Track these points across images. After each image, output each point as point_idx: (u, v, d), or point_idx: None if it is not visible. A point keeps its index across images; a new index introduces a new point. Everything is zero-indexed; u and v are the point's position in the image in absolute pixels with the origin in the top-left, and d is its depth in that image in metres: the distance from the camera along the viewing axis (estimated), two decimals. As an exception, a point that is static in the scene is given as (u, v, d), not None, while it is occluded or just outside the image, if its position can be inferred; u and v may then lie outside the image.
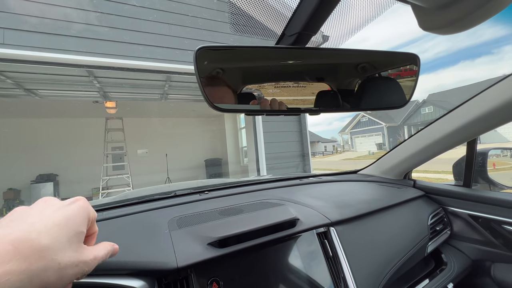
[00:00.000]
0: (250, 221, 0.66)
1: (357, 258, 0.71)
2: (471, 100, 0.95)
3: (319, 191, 1.11)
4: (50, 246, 0.24)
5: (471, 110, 0.95)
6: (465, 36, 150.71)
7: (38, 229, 0.25)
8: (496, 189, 1.11)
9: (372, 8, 0.58)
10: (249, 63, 0.38)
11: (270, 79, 0.39)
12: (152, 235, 0.62)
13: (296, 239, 0.67)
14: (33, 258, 0.23)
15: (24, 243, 0.23)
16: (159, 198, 0.98)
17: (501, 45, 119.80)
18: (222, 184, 1.22)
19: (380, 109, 0.42)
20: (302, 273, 0.63)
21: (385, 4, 0.59)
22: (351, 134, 40.16)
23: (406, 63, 0.41)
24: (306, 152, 4.96)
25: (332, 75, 0.41)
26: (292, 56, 0.38)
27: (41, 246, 0.24)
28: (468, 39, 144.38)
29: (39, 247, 0.23)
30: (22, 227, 0.24)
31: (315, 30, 0.40)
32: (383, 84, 0.41)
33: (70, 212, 0.28)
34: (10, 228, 0.24)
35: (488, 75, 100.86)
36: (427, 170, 8.18)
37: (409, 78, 0.41)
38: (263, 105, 0.37)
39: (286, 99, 0.38)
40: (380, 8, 0.59)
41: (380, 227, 0.87)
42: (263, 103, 0.38)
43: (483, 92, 0.92)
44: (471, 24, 0.38)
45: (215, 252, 0.54)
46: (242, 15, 0.61)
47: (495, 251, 1.00)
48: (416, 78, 0.40)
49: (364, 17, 0.59)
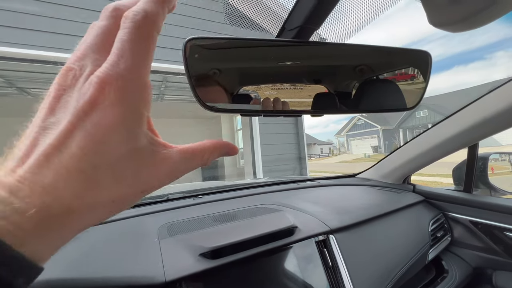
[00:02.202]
0: (245, 229, 0.62)
1: (358, 268, 0.67)
2: (473, 104, 0.93)
3: (317, 196, 1.07)
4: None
5: (473, 114, 0.93)
6: (458, 42, 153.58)
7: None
8: (497, 194, 1.09)
9: (370, 10, 0.55)
10: (245, 59, 0.35)
11: (268, 78, 0.36)
12: (140, 244, 0.58)
13: (294, 248, 0.63)
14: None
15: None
16: (150, 202, 0.94)
17: (494, 51, 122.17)
18: (217, 187, 1.18)
19: (390, 111, 0.38)
20: (300, 285, 0.59)
21: (382, 6, 0.56)
22: (347, 136, 40.40)
23: (416, 61, 0.38)
24: (303, 155, 4.94)
25: (342, 73, 0.37)
26: (294, 51, 0.35)
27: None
28: (462, 45, 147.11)
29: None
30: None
31: (319, 24, 0.36)
32: (393, 84, 0.38)
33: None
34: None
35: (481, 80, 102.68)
36: (422, 173, 8.22)
37: (418, 80, 0.38)
38: (265, 105, 0.33)
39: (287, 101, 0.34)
40: (377, 10, 0.57)
41: (381, 234, 0.84)
42: (265, 103, 0.34)
43: (485, 96, 0.90)
44: (484, 21, 0.35)
45: (207, 264, 0.50)
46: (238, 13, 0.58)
47: (496, 259, 0.97)
48: (428, 78, 0.37)
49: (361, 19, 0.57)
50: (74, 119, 0.16)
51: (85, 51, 0.18)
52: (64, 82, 0.18)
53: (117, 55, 0.17)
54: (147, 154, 0.19)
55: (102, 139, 0.17)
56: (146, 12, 0.18)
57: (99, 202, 0.17)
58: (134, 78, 0.17)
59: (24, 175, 0.15)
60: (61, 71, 0.18)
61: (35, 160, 0.16)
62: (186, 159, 0.21)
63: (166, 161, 0.20)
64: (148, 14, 0.18)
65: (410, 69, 0.40)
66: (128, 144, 0.18)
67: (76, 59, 0.18)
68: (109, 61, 0.17)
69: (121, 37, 0.18)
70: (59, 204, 0.15)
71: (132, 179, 0.18)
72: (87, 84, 0.17)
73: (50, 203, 0.15)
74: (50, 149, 0.16)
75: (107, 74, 0.17)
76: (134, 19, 0.18)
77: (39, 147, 0.16)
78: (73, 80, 0.17)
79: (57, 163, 0.16)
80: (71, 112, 0.16)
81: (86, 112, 0.16)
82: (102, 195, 0.17)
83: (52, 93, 0.17)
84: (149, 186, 0.19)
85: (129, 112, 0.17)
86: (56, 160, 0.16)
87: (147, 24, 0.18)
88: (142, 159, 0.18)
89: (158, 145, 0.20)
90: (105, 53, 0.18)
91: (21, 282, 0.14)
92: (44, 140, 0.16)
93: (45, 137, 0.16)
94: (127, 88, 0.17)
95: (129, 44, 0.17)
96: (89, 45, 0.18)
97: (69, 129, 0.16)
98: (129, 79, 0.17)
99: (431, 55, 0.36)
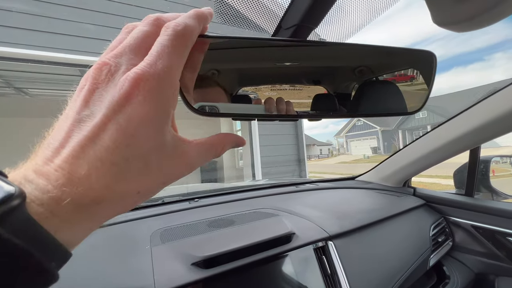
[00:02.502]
0: (240, 236, 0.60)
1: (357, 276, 0.65)
2: (475, 107, 0.91)
3: (316, 200, 1.05)
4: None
5: (475, 117, 0.91)
6: (457, 43, 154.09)
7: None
8: (499, 198, 1.07)
9: (369, 10, 0.53)
10: (241, 60, 0.32)
11: (266, 79, 0.33)
12: (131, 252, 0.55)
13: (291, 256, 0.61)
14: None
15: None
16: (145, 205, 0.91)
17: (493, 52, 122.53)
18: (214, 190, 1.15)
19: (393, 115, 0.36)
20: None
21: (380, 6, 0.54)
22: (346, 137, 40.43)
23: (420, 62, 0.36)
24: (302, 156, 4.92)
25: (341, 74, 0.35)
26: (293, 52, 0.33)
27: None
28: (461, 46, 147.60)
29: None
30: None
31: (316, 22, 0.34)
32: (394, 87, 0.35)
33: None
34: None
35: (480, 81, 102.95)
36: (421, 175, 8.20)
37: (418, 81, 0.36)
38: (268, 107, 0.30)
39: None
40: (376, 11, 0.55)
41: (381, 239, 0.82)
42: (268, 104, 0.31)
43: (487, 98, 0.88)
44: (490, 20, 0.33)
45: (199, 274, 0.48)
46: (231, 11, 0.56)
47: (499, 264, 0.95)
48: (432, 80, 0.35)
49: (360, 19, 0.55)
50: (109, 112, 0.17)
51: (123, 49, 0.19)
52: (99, 77, 0.18)
53: (156, 57, 0.19)
54: (169, 148, 0.20)
55: (133, 133, 0.17)
56: (186, 25, 0.20)
57: (127, 193, 0.18)
58: (167, 78, 0.19)
59: (61, 165, 0.16)
60: (95, 65, 0.19)
61: (71, 151, 0.16)
62: (202, 152, 0.23)
63: (185, 155, 0.21)
64: (187, 27, 0.20)
65: (410, 70, 0.38)
66: (156, 139, 0.19)
67: (113, 56, 0.19)
68: (147, 60, 0.18)
69: (161, 41, 0.19)
70: (91, 194, 0.16)
71: (156, 172, 0.19)
72: (123, 79, 0.18)
73: (84, 193, 0.16)
74: (85, 140, 0.16)
75: (145, 71, 0.18)
76: (176, 29, 0.20)
77: (74, 138, 0.17)
78: (108, 75, 0.18)
79: (92, 155, 0.16)
80: (106, 106, 0.17)
81: (120, 106, 0.17)
82: (130, 187, 0.18)
83: (87, 87, 0.18)
84: (170, 178, 0.21)
85: (159, 109, 0.19)
86: (91, 152, 0.16)
87: (186, 35, 0.20)
88: (166, 153, 0.20)
89: (178, 140, 0.21)
90: (140, 54, 0.19)
91: (53, 266, 0.15)
92: (79, 132, 0.17)
93: (80, 129, 0.17)
94: (160, 87, 0.18)
95: (168, 48, 0.19)
96: (128, 45, 0.20)
97: (104, 122, 0.17)
98: (163, 79, 0.18)
99: (436, 56, 0.34)
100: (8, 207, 0.13)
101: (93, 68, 0.19)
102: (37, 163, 0.16)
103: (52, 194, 0.15)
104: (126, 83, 0.17)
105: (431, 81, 0.35)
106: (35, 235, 0.14)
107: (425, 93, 0.36)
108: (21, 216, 0.14)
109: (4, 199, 0.13)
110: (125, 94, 0.17)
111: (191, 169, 0.22)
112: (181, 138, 0.22)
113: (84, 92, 0.18)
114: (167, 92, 0.19)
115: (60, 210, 0.15)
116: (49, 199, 0.15)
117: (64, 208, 0.15)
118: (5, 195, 0.14)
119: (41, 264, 0.14)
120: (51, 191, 0.15)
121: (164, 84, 0.19)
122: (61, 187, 0.15)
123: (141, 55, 0.19)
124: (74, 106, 0.18)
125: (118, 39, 0.21)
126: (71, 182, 0.16)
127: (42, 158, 0.16)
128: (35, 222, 0.14)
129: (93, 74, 0.18)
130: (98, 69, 0.19)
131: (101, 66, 0.19)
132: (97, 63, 0.19)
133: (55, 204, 0.15)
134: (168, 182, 0.21)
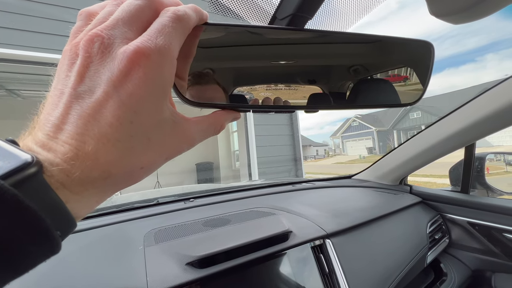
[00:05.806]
0: (236, 235, 0.58)
1: (355, 274, 0.64)
2: (468, 104, 0.92)
3: (313, 198, 1.04)
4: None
5: (469, 114, 0.91)
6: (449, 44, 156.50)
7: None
8: (494, 195, 1.08)
9: (363, 4, 0.53)
10: (235, 56, 0.31)
11: (260, 78, 0.33)
12: (124, 253, 0.54)
13: (288, 254, 0.60)
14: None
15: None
16: (139, 206, 0.89)
17: (484, 54, 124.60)
18: (210, 190, 1.14)
19: (393, 106, 0.35)
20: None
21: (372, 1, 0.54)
22: (342, 138, 40.68)
23: (417, 53, 0.35)
24: (298, 156, 4.92)
25: (336, 71, 0.35)
26: (286, 49, 0.32)
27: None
28: (453, 48, 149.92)
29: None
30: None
31: (312, 12, 0.33)
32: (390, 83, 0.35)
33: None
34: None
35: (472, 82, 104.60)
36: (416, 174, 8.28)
37: (414, 82, 0.35)
38: (265, 101, 0.31)
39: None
40: (373, 1, 0.55)
41: (379, 237, 0.81)
42: (265, 101, 0.31)
43: (480, 95, 0.88)
44: (487, 11, 0.33)
45: (194, 274, 0.46)
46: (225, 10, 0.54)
47: (495, 261, 0.95)
48: (430, 72, 0.34)
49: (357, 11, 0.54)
50: (108, 88, 0.17)
51: (115, 21, 0.18)
52: (91, 50, 0.17)
53: (156, 32, 0.18)
54: (169, 124, 0.20)
55: (135, 109, 0.17)
56: (186, 13, 0.20)
57: (131, 169, 0.18)
58: (167, 54, 0.18)
59: (66, 140, 0.16)
60: (86, 37, 0.18)
61: (75, 127, 0.16)
62: (203, 129, 0.23)
63: (185, 131, 0.22)
64: (187, 15, 0.20)
65: (403, 70, 0.38)
66: (156, 115, 0.19)
67: (105, 27, 0.18)
68: (146, 35, 0.18)
69: (161, 21, 0.19)
70: (98, 169, 0.16)
71: (158, 148, 0.20)
72: (121, 53, 0.17)
73: (91, 167, 0.16)
74: (88, 117, 0.16)
75: (146, 45, 0.17)
76: (176, 13, 0.19)
77: (73, 115, 0.16)
78: (101, 47, 0.17)
79: (97, 132, 0.16)
80: (105, 82, 0.17)
81: (121, 81, 0.17)
82: (134, 162, 0.18)
83: (80, 60, 0.17)
84: (172, 153, 0.21)
85: (159, 85, 0.18)
86: (95, 129, 0.16)
87: (185, 20, 0.20)
88: (166, 128, 0.20)
89: (177, 117, 0.21)
90: (135, 28, 0.19)
91: (58, 234, 0.15)
92: (79, 108, 0.16)
93: (79, 105, 0.16)
94: (160, 63, 0.18)
95: (168, 28, 0.19)
96: (121, 17, 0.19)
97: (105, 98, 0.16)
98: (163, 54, 0.18)
99: (434, 46, 0.33)
100: (27, 174, 0.14)
101: (84, 40, 0.18)
102: (39, 138, 0.16)
103: (62, 166, 0.15)
104: (125, 58, 0.17)
105: (429, 72, 0.34)
106: (50, 203, 0.15)
107: (421, 88, 0.35)
108: (37, 185, 0.14)
109: (23, 167, 0.14)
110: (125, 69, 0.17)
111: (192, 145, 0.23)
112: (179, 114, 0.22)
113: (78, 67, 0.17)
114: (166, 69, 0.19)
115: (70, 182, 0.16)
116: (59, 171, 0.15)
117: (73, 181, 0.16)
118: (24, 163, 0.14)
119: (49, 231, 0.14)
120: (60, 164, 0.15)
121: (164, 60, 0.18)
122: (69, 160, 0.15)
123: (136, 29, 0.19)
124: (68, 81, 0.17)
125: (108, 11, 0.20)
126: (78, 157, 0.16)
127: (43, 133, 0.16)
128: (52, 191, 0.15)
129: (84, 47, 0.17)
130: (89, 40, 0.17)
131: (92, 37, 0.17)
132: (88, 34, 0.18)
133: (65, 177, 0.15)
134: (170, 157, 0.21)
